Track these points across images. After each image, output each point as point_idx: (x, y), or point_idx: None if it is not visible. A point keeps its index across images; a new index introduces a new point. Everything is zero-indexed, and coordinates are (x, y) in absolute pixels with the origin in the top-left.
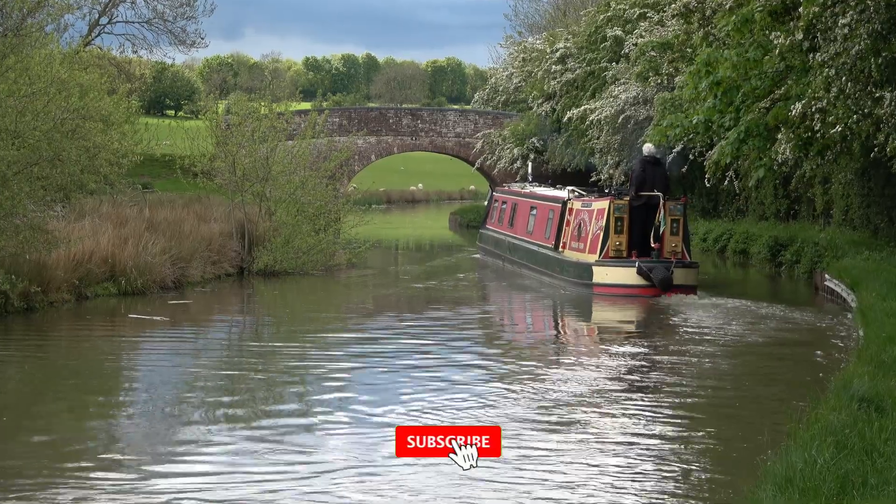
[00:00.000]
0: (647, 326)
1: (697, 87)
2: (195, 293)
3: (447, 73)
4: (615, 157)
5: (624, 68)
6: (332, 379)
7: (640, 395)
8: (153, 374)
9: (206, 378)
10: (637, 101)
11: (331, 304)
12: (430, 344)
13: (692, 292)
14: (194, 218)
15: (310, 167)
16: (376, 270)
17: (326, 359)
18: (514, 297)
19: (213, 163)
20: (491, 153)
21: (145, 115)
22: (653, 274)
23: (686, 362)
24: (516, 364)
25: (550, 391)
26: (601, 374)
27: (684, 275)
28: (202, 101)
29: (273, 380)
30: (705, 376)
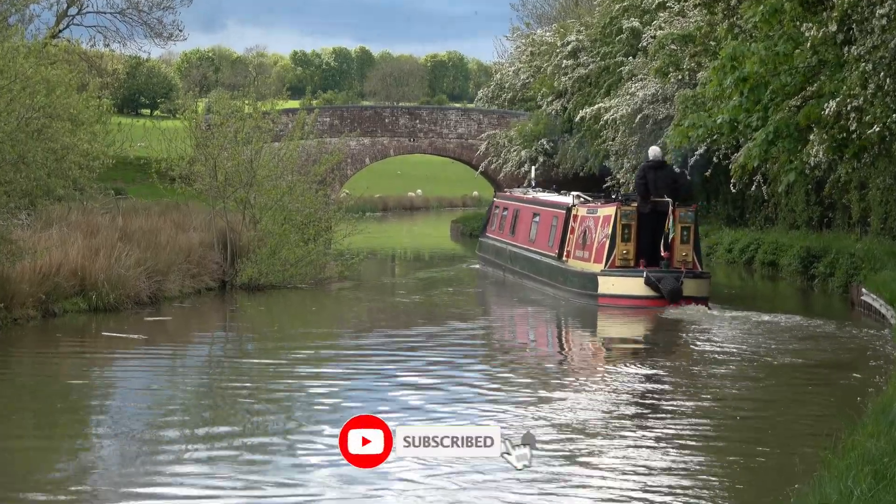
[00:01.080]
0: (658, 342)
1: (722, 84)
2: (173, 309)
3: (448, 69)
4: (632, 159)
5: (641, 63)
6: (321, 400)
7: (655, 420)
8: (127, 397)
9: (184, 401)
10: (656, 98)
11: (320, 320)
12: (424, 363)
13: (704, 304)
14: (172, 227)
15: (298, 171)
16: (370, 283)
17: (315, 378)
18: (514, 310)
19: (193, 166)
20: (496, 156)
21: (118, 115)
22: (662, 284)
23: (705, 382)
24: (518, 388)
25: (556, 417)
26: (611, 396)
27: (695, 285)
28: (180, 99)
29: (258, 401)
30: (728, 398)
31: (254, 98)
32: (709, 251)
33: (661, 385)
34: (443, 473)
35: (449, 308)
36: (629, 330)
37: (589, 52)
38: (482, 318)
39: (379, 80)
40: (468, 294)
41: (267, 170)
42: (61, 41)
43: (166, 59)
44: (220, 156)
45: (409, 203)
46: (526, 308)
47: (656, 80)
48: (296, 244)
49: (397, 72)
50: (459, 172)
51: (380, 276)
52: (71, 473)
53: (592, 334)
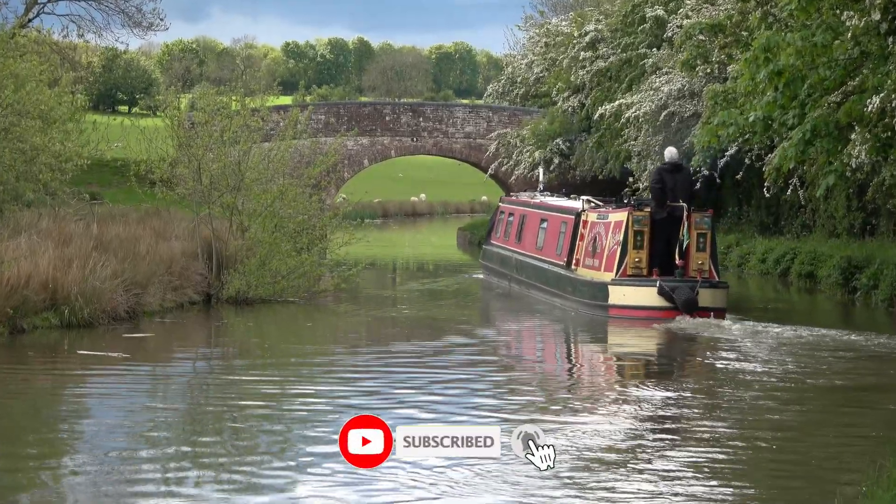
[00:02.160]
0: (674, 358)
1: (755, 78)
2: (153, 325)
3: (455, 62)
4: (655, 161)
5: (667, 55)
6: (314, 422)
7: (677, 447)
8: (103, 420)
9: (166, 424)
10: (682, 94)
11: (314, 337)
12: (424, 383)
13: (721, 316)
14: (152, 235)
15: (290, 174)
16: (368, 296)
17: (308, 399)
18: (520, 324)
19: (175, 169)
20: (507, 157)
21: (93, 112)
22: (676, 294)
23: (730, 405)
24: (525, 410)
25: (568, 443)
26: (627, 421)
27: (712, 296)
28: (161, 94)
29: (246, 424)
30: (756, 423)
31: (242, 94)
32: (740, 261)
33: (681, 408)
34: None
35: (450, 322)
36: (642, 344)
37: (609, 44)
38: (485, 332)
39: (379, 73)
40: (471, 306)
41: (256, 172)
42: (31, 31)
43: (146, 51)
44: (205, 157)
45: (411, 209)
46: (532, 321)
47: (683, 73)
48: (288, 254)
49: (399, 65)
50: (467, 175)
51: (379, 289)
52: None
53: (603, 349)
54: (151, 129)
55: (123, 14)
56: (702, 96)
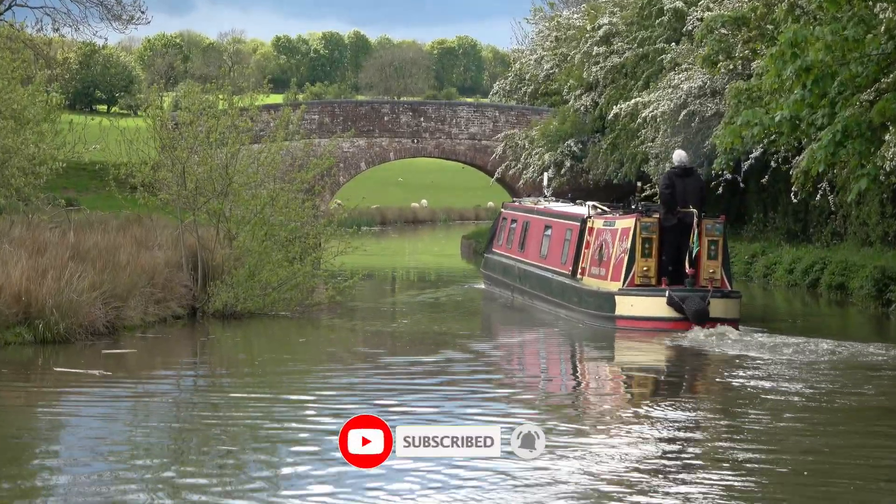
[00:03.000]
0: (685, 373)
1: (781, 75)
2: (134, 340)
3: (458, 57)
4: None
5: (686, 50)
6: (306, 445)
7: (692, 472)
8: (82, 442)
9: (149, 446)
10: (703, 92)
11: (307, 353)
12: (422, 403)
13: (733, 326)
14: (132, 244)
15: (282, 178)
16: (365, 309)
17: (300, 421)
18: (523, 336)
19: (157, 173)
20: (515, 160)
21: (69, 112)
22: (686, 305)
23: (749, 427)
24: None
25: (574, 468)
26: (639, 443)
27: (724, 306)
28: (143, 93)
29: (234, 446)
30: (779, 448)
31: (229, 92)
32: (766, 272)
33: (694, 429)
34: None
35: (450, 336)
36: (651, 358)
37: (624, 38)
38: (485, 347)
39: (376, 70)
40: (471, 319)
41: (245, 177)
42: (2, 26)
43: (126, 47)
44: (190, 160)
45: (412, 215)
46: (535, 333)
47: (703, 70)
48: (279, 264)
49: (398, 60)
50: (471, 180)
51: (376, 301)
52: None
53: (610, 364)
54: (132, 130)
55: (102, 6)
56: (724, 94)
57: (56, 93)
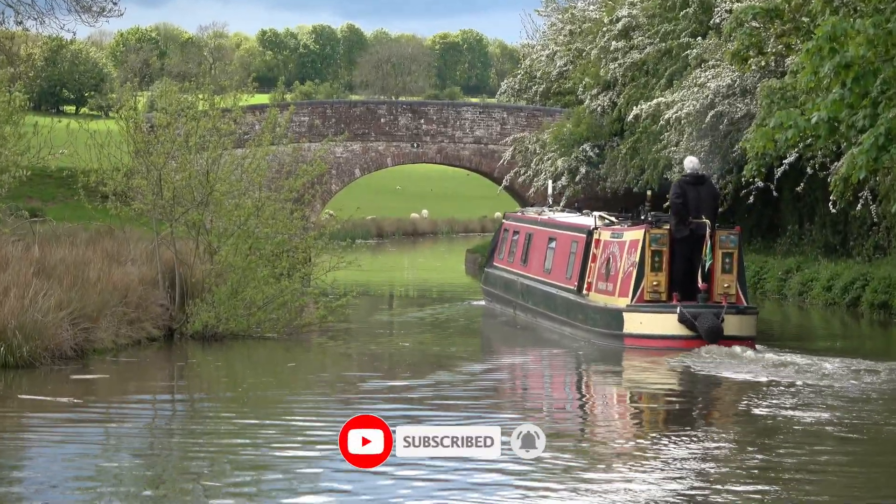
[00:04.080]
0: (701, 398)
1: (818, 72)
2: (105, 365)
3: (462, 53)
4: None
5: (714, 45)
6: (292, 477)
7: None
8: (47, 474)
9: (121, 479)
10: (732, 91)
11: (296, 378)
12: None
13: (750, 345)
14: (103, 259)
15: (268, 186)
16: (358, 330)
17: (285, 452)
18: (522, 357)
19: (131, 180)
20: (525, 166)
21: (34, 113)
22: (698, 322)
23: (774, 461)
24: (533, 474)
25: None
26: (646, 482)
27: (739, 323)
28: (115, 92)
29: (215, 483)
30: (814, 484)
31: (210, 91)
32: (801, 289)
33: (711, 464)
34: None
35: (448, 359)
36: (661, 381)
37: (645, 31)
38: (485, 370)
39: (372, 67)
40: (471, 339)
41: (227, 184)
42: None
43: (96, 41)
44: (167, 166)
45: (411, 227)
46: (539, 353)
47: (733, 66)
48: (265, 281)
49: (396, 56)
50: (477, 188)
51: (370, 321)
52: None
53: (618, 387)
54: (103, 134)
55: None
56: (755, 94)
57: (19, 92)
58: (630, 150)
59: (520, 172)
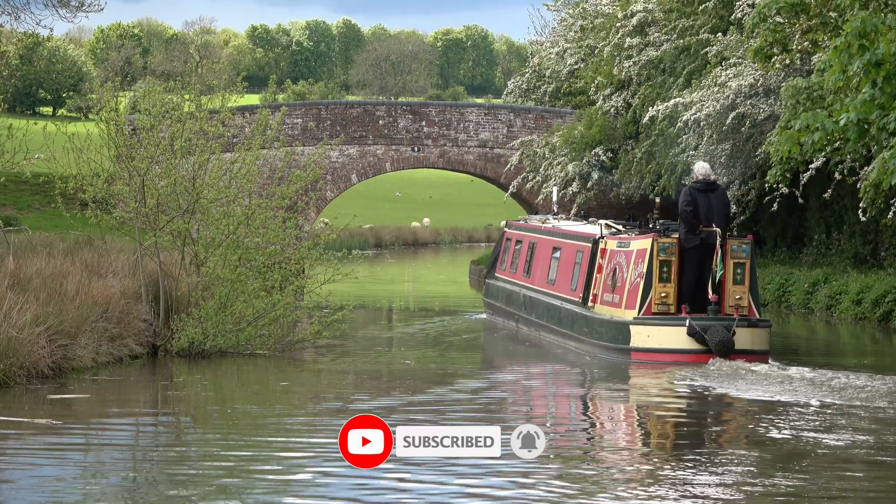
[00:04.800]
0: (713, 417)
1: (847, 71)
2: (84, 384)
3: (466, 50)
4: (722, 175)
5: (735, 42)
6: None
7: None
8: (21, 501)
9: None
10: (755, 91)
11: (289, 398)
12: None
13: (763, 360)
14: (83, 271)
15: (258, 193)
16: (355, 346)
17: (277, 474)
18: (523, 373)
19: (112, 187)
20: (533, 171)
21: (9, 115)
22: (708, 335)
23: (797, 489)
24: (544, 486)
25: None
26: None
27: (751, 336)
28: (95, 92)
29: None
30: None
31: (197, 91)
32: (829, 303)
33: (729, 492)
34: None
35: (447, 376)
36: (671, 399)
37: (662, 27)
38: (486, 386)
39: (370, 65)
40: (472, 354)
41: (215, 191)
42: None
43: (75, 38)
44: (151, 172)
45: (411, 237)
46: (542, 368)
47: (755, 65)
48: (255, 294)
49: (395, 54)
50: (482, 195)
51: (368, 336)
52: None
53: (624, 406)
54: (82, 137)
55: None
56: (780, 94)
57: None
58: (645, 154)
59: (528, 178)
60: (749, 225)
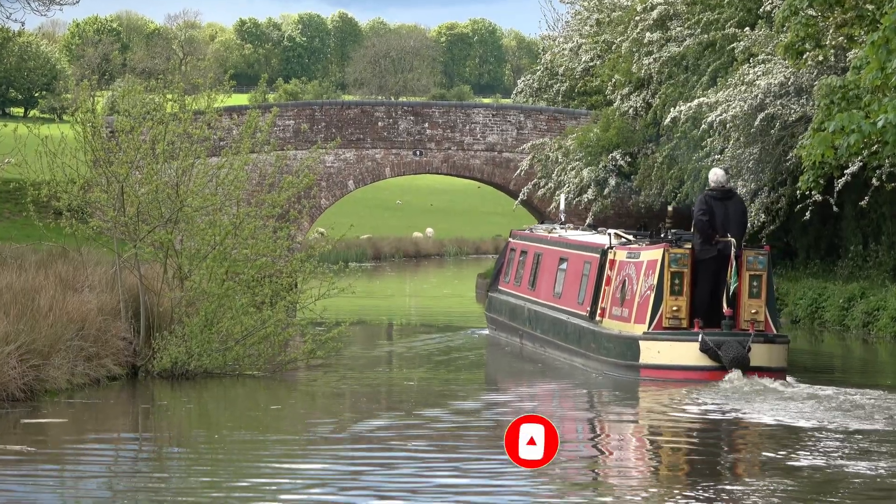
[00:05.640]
0: (728, 442)
1: (885, 68)
2: (59, 407)
3: (473, 46)
4: (750, 181)
5: (764, 37)
6: None
7: None
8: None
9: None
10: (786, 90)
11: (280, 423)
12: (421, 479)
13: (780, 377)
14: (56, 285)
15: (247, 201)
16: (353, 366)
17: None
18: (526, 391)
19: (88, 194)
20: (545, 177)
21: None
22: (722, 351)
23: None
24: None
25: None
26: None
27: (767, 353)
28: (70, 92)
29: None
30: None
31: (181, 91)
32: (866, 320)
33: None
34: None
35: (447, 398)
36: (681, 418)
37: (685, 21)
38: (486, 407)
39: (368, 63)
40: (473, 373)
41: (200, 199)
42: None
43: (48, 33)
44: (130, 178)
45: (413, 248)
46: (546, 387)
47: (786, 62)
48: (243, 311)
49: (396, 50)
50: (490, 203)
51: (364, 354)
52: None
53: (635, 426)
54: (56, 140)
55: None
56: (812, 93)
57: None
58: (667, 158)
59: (539, 185)
60: (779, 235)
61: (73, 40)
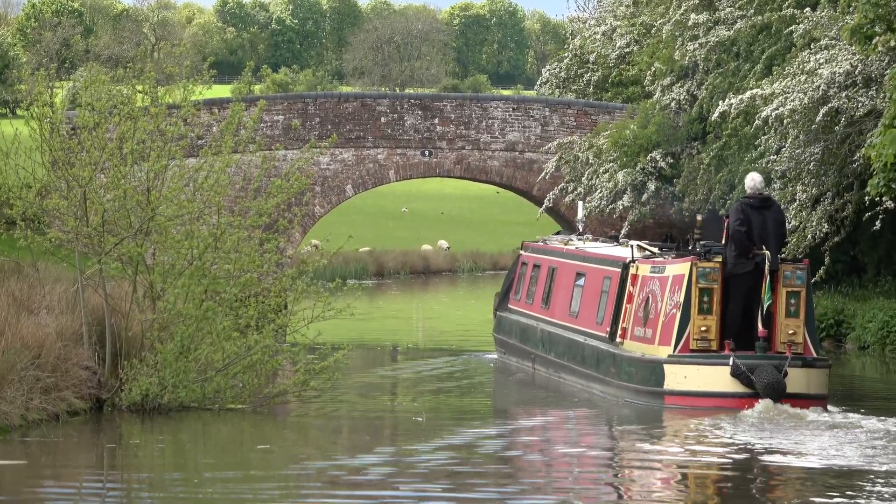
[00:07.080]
0: (763, 479)
1: None
2: (12, 447)
3: (490, 30)
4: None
5: (827, 19)
6: None
7: None
8: None
9: None
10: (852, 80)
11: (267, 463)
12: None
13: (821, 405)
14: (9, 306)
15: (229, 209)
16: (349, 398)
17: None
18: (539, 422)
19: (46, 200)
20: (574, 181)
21: None
22: (755, 376)
23: None
24: None
25: None
26: None
27: (805, 378)
28: (24, 83)
29: None
30: None
31: (152, 81)
32: None
33: None
34: None
35: (450, 431)
36: (712, 451)
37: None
38: (495, 443)
39: (369, 49)
40: (480, 403)
41: (175, 206)
42: None
43: (1, 15)
44: (95, 182)
45: (421, 264)
46: (561, 417)
47: (853, 47)
48: (225, 335)
49: (401, 35)
50: (510, 211)
51: (361, 381)
52: None
53: (660, 461)
54: (9, 138)
55: None
56: (883, 84)
57: None
58: (715, 159)
59: (567, 189)
60: (845, 248)
61: (28, 23)
